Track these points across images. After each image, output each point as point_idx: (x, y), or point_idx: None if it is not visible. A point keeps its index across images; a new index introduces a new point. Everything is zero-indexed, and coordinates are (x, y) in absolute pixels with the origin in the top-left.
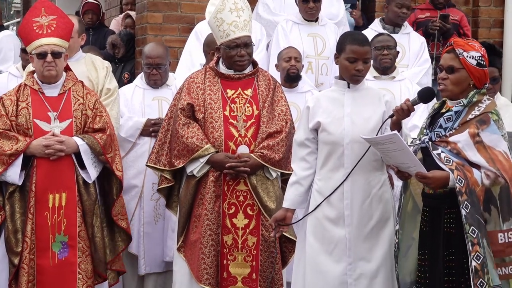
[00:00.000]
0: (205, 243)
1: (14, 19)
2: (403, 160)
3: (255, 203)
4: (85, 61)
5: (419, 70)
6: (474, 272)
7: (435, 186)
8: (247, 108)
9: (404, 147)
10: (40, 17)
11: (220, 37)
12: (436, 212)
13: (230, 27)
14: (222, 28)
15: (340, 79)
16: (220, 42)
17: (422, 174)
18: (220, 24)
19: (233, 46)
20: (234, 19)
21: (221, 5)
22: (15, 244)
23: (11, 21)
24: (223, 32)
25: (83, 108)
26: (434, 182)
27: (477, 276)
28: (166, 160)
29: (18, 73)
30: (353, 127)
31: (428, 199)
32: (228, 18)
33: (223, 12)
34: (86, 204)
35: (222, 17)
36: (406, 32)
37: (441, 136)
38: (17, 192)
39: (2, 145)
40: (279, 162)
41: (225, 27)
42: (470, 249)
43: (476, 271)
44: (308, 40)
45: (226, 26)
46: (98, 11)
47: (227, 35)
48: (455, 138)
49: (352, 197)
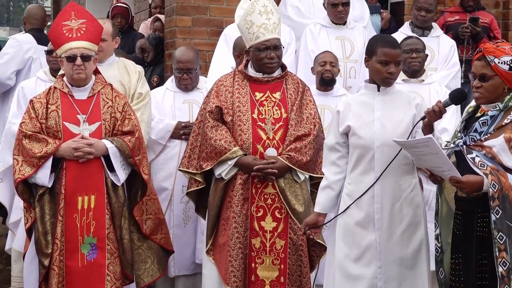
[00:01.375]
0: (233, 245)
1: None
2: (437, 164)
3: (283, 206)
4: (118, 65)
5: (447, 73)
6: (500, 278)
7: (469, 190)
8: (275, 111)
9: (438, 151)
10: (70, 21)
11: (250, 39)
12: (469, 215)
13: (259, 30)
14: (252, 31)
15: (370, 83)
16: (249, 44)
17: (456, 179)
18: (249, 27)
19: (262, 48)
20: (263, 22)
21: (250, 8)
22: (45, 245)
23: None
24: (252, 34)
25: (112, 111)
26: (468, 187)
27: (503, 282)
28: (198, 164)
29: (46, 77)
30: (383, 130)
31: (461, 202)
32: (258, 21)
33: (252, 15)
34: (114, 207)
35: (252, 20)
36: (435, 35)
37: (476, 140)
38: (47, 194)
39: (32, 148)
40: (306, 165)
41: (254, 30)
42: (497, 255)
43: (502, 277)
44: (336, 44)
45: (256, 28)
46: (127, 14)
47: (257, 38)
48: (490, 142)
49: (382, 201)
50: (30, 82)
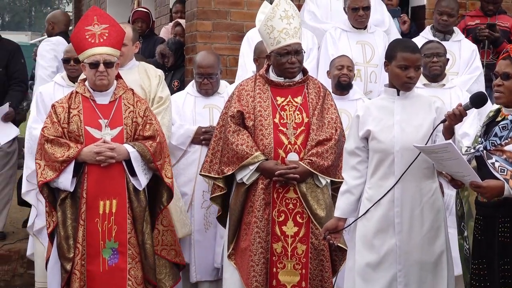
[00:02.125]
0: (255, 250)
1: None
2: (458, 169)
3: (304, 211)
4: (138, 69)
5: (469, 77)
6: None
7: (490, 195)
8: (297, 115)
9: (458, 156)
10: (92, 26)
11: (271, 44)
12: (490, 221)
13: (280, 34)
14: (273, 36)
15: (389, 87)
16: (270, 49)
17: (476, 184)
18: (270, 32)
19: (283, 53)
20: (284, 26)
21: (271, 13)
22: (67, 250)
23: None
24: (273, 39)
25: (133, 116)
26: (489, 192)
27: None
28: (220, 168)
29: (63, 83)
30: (403, 134)
31: (482, 207)
32: (279, 26)
33: (273, 20)
34: (136, 211)
35: (273, 25)
36: (457, 39)
37: (497, 145)
38: (68, 198)
39: (54, 152)
40: (328, 169)
41: (275, 34)
42: None
43: None
44: (357, 48)
45: (277, 33)
46: (148, 19)
47: (278, 42)
48: (511, 147)
49: (402, 205)
50: (48, 87)
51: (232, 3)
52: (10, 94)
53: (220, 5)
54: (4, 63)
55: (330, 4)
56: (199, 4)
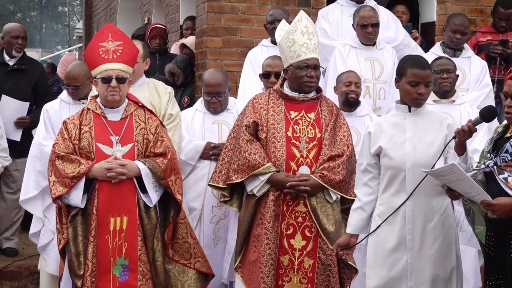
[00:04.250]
0: (265, 262)
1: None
2: (466, 190)
3: (313, 225)
4: (149, 86)
5: (479, 94)
6: None
7: (502, 212)
8: (309, 130)
9: (464, 177)
10: (106, 42)
11: (291, 57)
12: (502, 237)
13: (301, 48)
14: (294, 49)
15: (401, 103)
16: (289, 62)
17: (487, 202)
18: (291, 45)
19: (303, 66)
20: (305, 41)
21: (293, 27)
22: (77, 267)
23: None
24: (294, 52)
25: (144, 133)
26: (500, 209)
27: None
28: (227, 175)
29: (70, 100)
30: (414, 151)
31: (492, 224)
32: (300, 40)
33: (295, 34)
34: (147, 228)
35: (294, 38)
36: (467, 56)
37: (507, 161)
38: (79, 215)
39: (64, 168)
40: (339, 184)
41: (296, 48)
42: None
43: None
44: (366, 64)
45: (298, 47)
46: (165, 36)
47: (298, 56)
48: None
49: (414, 222)
50: (54, 105)
51: (242, 20)
52: (34, 111)
53: (230, 21)
54: (33, 83)
55: (341, 21)
56: (209, 21)
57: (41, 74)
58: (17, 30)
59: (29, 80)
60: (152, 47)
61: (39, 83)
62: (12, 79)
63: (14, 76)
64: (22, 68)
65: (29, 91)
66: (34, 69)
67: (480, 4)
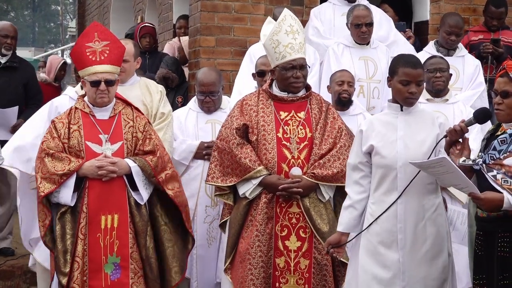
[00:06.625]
0: (255, 264)
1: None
2: (455, 182)
3: (307, 226)
4: (140, 85)
5: (472, 93)
6: None
7: (488, 207)
8: (300, 130)
9: (454, 170)
10: (93, 42)
11: (276, 59)
12: (490, 236)
13: (286, 49)
14: (278, 50)
15: (393, 102)
16: (275, 64)
17: (475, 195)
18: (276, 46)
19: (289, 67)
20: (290, 41)
21: (277, 27)
22: (63, 264)
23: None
24: (279, 54)
25: (133, 131)
26: (487, 203)
27: None
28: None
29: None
30: (406, 150)
31: (482, 222)
32: (284, 40)
33: (279, 34)
34: (138, 225)
35: (278, 39)
36: (460, 55)
37: (495, 159)
38: (68, 213)
39: (54, 166)
40: (335, 177)
41: (281, 49)
42: None
43: None
44: (360, 64)
45: (282, 48)
46: (155, 34)
47: (283, 57)
48: (509, 161)
49: (405, 220)
50: (63, 101)
51: (236, 19)
52: (26, 112)
53: (223, 20)
54: (25, 81)
55: (333, 20)
56: (202, 19)
57: (32, 73)
58: (7, 29)
59: (21, 78)
60: (142, 46)
61: (31, 81)
62: (4, 76)
63: (6, 74)
64: (14, 65)
65: (21, 89)
66: (25, 68)
67: (473, 3)
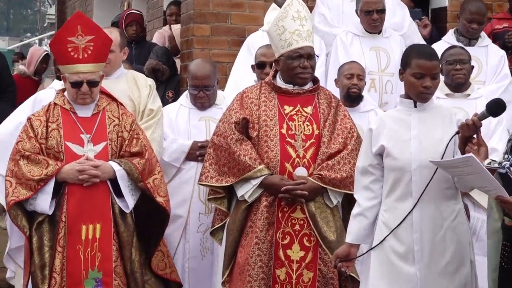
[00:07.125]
0: (255, 276)
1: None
2: (481, 184)
3: (312, 233)
4: (127, 78)
5: (497, 87)
6: None
7: None
8: (306, 126)
9: (481, 170)
10: (76, 37)
11: (281, 47)
12: None
13: (292, 36)
14: (284, 37)
15: (405, 98)
16: (280, 52)
17: (503, 199)
18: (281, 33)
19: (295, 56)
20: (297, 28)
21: (283, 13)
22: (41, 280)
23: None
24: (284, 41)
25: (119, 130)
26: None
27: None
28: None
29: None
30: (421, 150)
31: (510, 231)
32: (291, 27)
33: (285, 20)
34: (123, 236)
35: (284, 25)
36: (483, 44)
37: None
38: (46, 222)
39: (30, 170)
40: (344, 182)
41: (287, 36)
42: None
43: None
44: (371, 55)
45: (289, 35)
46: (142, 22)
47: (289, 45)
48: None
49: (422, 230)
50: (49, 95)
51: (233, 5)
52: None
53: (219, 7)
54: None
55: (342, 6)
56: (195, 6)
57: (3, 64)
58: None
59: None
60: (129, 35)
61: (3, 71)
62: None
63: None
64: None
65: None
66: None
67: None
